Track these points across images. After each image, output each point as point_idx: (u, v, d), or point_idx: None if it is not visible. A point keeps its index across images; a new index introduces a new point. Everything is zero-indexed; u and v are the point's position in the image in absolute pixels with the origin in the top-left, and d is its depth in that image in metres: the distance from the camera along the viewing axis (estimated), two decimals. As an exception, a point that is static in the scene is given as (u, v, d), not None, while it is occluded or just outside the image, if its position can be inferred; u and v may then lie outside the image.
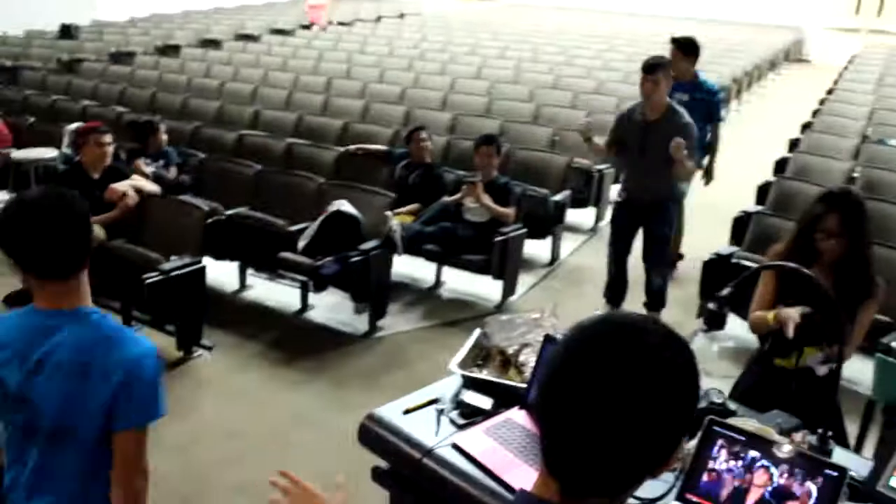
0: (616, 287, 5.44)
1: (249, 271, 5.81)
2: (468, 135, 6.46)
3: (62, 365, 1.84)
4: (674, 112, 5.05)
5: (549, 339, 2.52)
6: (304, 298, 5.50)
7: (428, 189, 5.92)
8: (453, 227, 5.53)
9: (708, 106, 6.02)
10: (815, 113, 9.55)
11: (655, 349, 1.06)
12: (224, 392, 4.58)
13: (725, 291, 2.82)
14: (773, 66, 16.28)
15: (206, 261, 5.04)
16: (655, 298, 5.37)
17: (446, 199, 5.71)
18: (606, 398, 1.02)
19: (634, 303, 5.43)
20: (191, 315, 4.89)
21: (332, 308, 5.50)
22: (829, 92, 11.11)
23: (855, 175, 6.69)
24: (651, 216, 5.24)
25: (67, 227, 1.87)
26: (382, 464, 2.49)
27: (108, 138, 5.47)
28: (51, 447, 1.90)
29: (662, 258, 5.35)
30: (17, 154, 7.27)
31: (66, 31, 14.08)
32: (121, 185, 5.30)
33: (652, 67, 5.01)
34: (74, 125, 6.97)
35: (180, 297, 4.76)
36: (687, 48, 6.01)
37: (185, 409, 4.35)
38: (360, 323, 5.30)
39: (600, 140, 5.47)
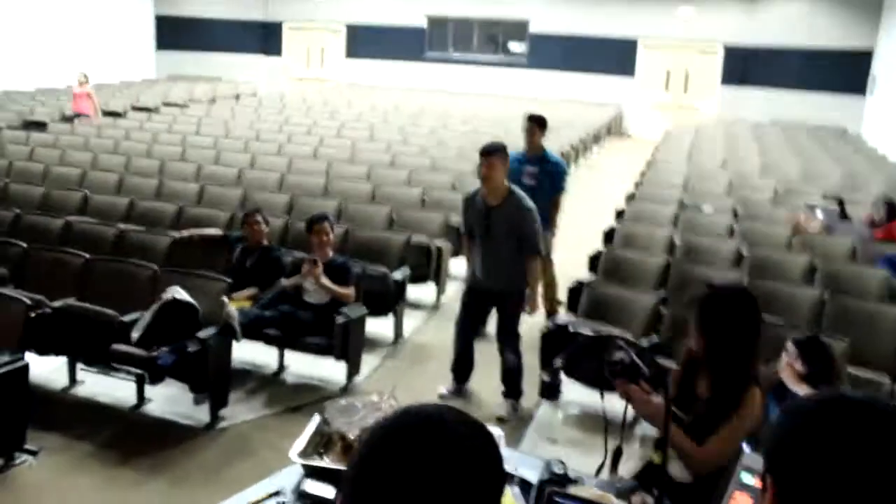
0: (462, 364, 5.48)
1: (79, 366, 5.48)
2: (306, 216, 6.43)
3: None
4: (514, 196, 5.09)
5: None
6: (140, 392, 5.23)
7: (266, 272, 5.82)
8: (293, 311, 5.45)
9: (553, 177, 6.51)
10: (637, 184, 10.16)
11: (461, 440, 1.07)
12: (52, 500, 4.25)
13: (558, 362, 2.89)
14: (598, 140, 17.25)
15: (31, 357, 4.72)
16: (512, 381, 5.28)
17: (284, 281, 5.64)
18: (416, 492, 1.02)
19: (489, 380, 5.50)
20: (12, 418, 4.53)
21: (170, 401, 5.25)
22: (649, 164, 11.87)
23: (676, 242, 7.11)
24: (501, 299, 5.26)
25: None
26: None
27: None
28: None
29: (514, 333, 5.31)
30: None
31: None
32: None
33: (488, 152, 5.06)
34: None
35: None
36: (542, 123, 6.60)
37: (6, 523, 4.02)
38: (202, 414, 5.08)
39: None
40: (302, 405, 5.28)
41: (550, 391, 2.79)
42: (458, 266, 7.31)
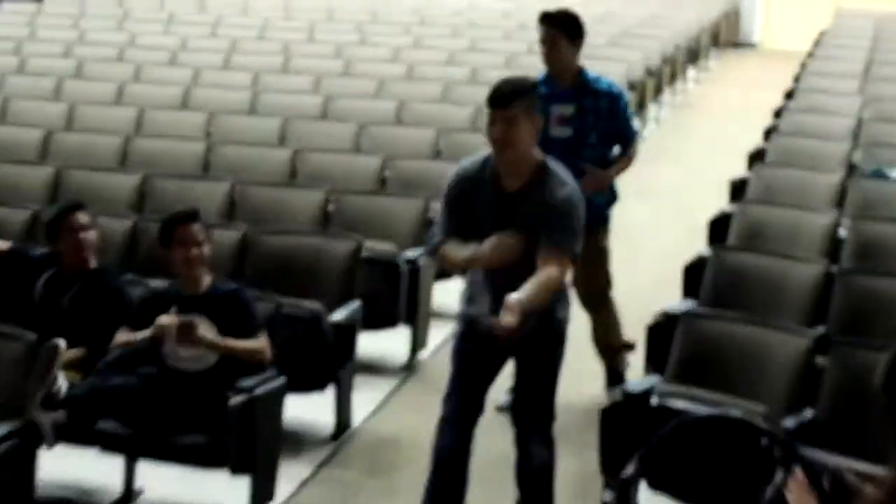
0: (447, 480, 5.33)
1: None
2: (167, 211, 6.38)
3: None
4: (548, 176, 4.96)
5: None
6: None
7: (96, 317, 5.79)
8: (153, 379, 5.43)
9: (608, 119, 6.46)
10: (767, 134, 10.11)
11: None
12: None
13: (630, 470, 2.86)
14: (695, 58, 17.16)
15: None
16: (538, 491, 5.21)
17: (124, 337, 5.63)
18: None
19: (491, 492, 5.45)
20: None
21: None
22: (789, 95, 11.84)
23: (842, 234, 7.06)
24: (524, 347, 5.13)
25: None
26: None
27: None
28: None
29: (548, 410, 5.24)
30: None
31: None
32: None
33: (505, 97, 4.91)
34: None
35: None
36: (571, 29, 6.47)
37: None
38: None
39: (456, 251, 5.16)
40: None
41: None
42: (448, 295, 7.29)
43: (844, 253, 6.86)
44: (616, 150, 6.62)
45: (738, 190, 8.38)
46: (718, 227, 7.56)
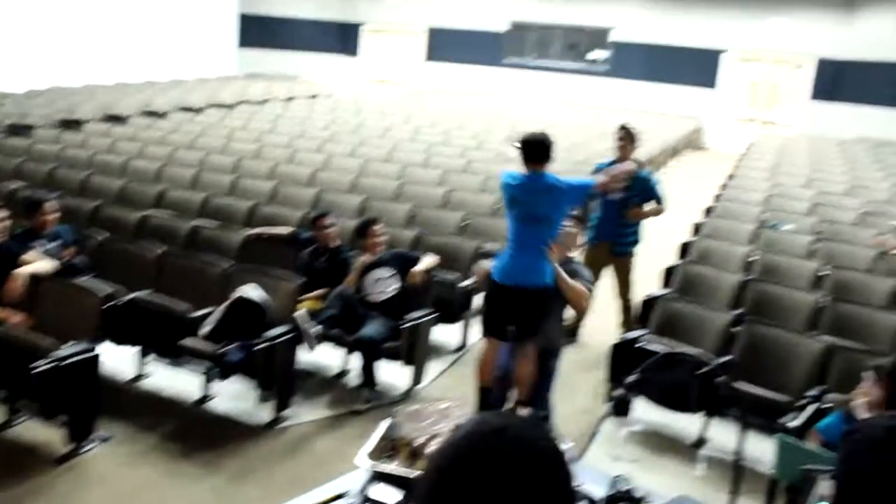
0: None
1: (148, 359, 5.61)
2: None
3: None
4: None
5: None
6: (205, 387, 5.32)
7: (335, 273, 5.83)
8: (360, 313, 5.48)
9: (645, 188, 6.42)
10: (716, 198, 9.96)
11: (533, 457, 1.09)
12: (116, 489, 4.35)
13: (632, 378, 2.85)
14: (675, 153, 16.94)
15: (104, 347, 4.86)
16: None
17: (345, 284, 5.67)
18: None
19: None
20: (82, 406, 4.67)
21: (234, 397, 5.34)
22: (730, 178, 11.62)
23: (753, 258, 6.95)
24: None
25: None
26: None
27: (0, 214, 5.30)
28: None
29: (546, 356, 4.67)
30: None
31: (-39, 104, 13.71)
32: (21, 272, 5.08)
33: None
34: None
35: (72, 386, 4.55)
36: (630, 135, 6.47)
37: (72, 509, 4.14)
38: (264, 412, 5.15)
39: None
40: (364, 409, 5.30)
41: (622, 407, 2.76)
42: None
43: (754, 270, 6.72)
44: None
45: (696, 229, 8.23)
46: (685, 250, 7.44)
